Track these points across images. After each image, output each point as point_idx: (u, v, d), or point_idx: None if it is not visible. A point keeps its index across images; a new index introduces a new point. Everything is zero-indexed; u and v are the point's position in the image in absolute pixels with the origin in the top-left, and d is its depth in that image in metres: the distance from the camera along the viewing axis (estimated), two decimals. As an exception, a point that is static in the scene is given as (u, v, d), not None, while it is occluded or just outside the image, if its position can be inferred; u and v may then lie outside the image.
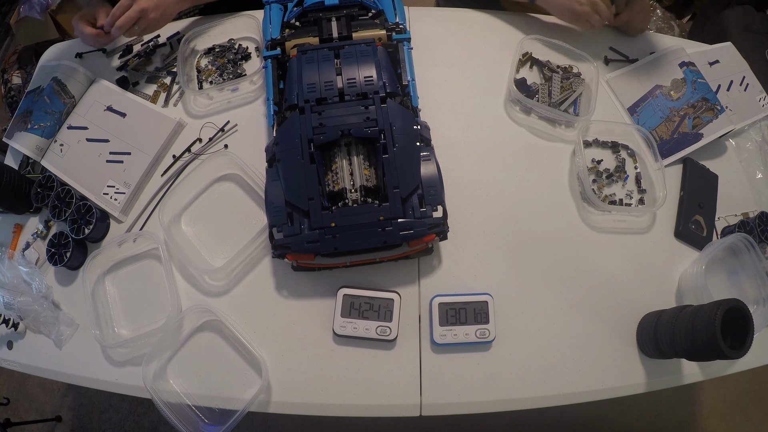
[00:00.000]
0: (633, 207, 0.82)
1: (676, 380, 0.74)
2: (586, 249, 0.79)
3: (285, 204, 0.68)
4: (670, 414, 1.51)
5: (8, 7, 2.17)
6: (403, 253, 0.72)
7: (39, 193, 0.84)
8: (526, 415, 1.45)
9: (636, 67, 0.94)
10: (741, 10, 1.39)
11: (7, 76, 1.83)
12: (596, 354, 0.74)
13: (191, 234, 0.81)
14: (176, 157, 0.86)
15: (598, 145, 0.87)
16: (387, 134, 0.68)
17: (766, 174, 0.89)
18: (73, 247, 0.78)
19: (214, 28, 0.96)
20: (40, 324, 0.76)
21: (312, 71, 0.72)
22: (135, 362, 0.74)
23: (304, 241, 0.67)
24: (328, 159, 0.71)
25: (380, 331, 0.71)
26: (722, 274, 0.80)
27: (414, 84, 0.78)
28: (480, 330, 0.71)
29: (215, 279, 0.78)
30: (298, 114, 0.70)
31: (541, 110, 0.87)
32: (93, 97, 0.91)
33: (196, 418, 0.71)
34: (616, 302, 0.76)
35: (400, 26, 0.82)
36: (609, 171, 0.85)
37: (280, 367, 0.72)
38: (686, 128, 0.88)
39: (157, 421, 1.53)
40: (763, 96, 0.95)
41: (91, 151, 0.87)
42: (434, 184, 0.69)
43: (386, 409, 0.71)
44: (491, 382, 0.72)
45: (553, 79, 0.90)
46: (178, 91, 0.92)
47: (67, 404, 1.58)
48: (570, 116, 0.87)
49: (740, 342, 0.61)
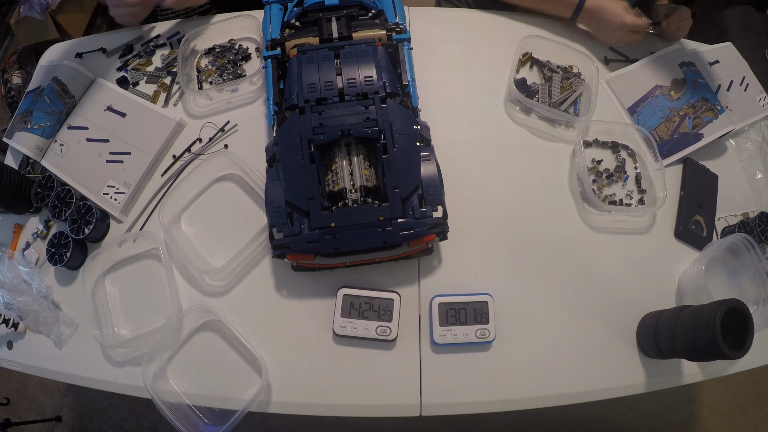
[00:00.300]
0: (633, 207, 0.82)
1: (676, 380, 0.74)
2: (586, 249, 0.79)
3: (285, 204, 0.68)
4: (670, 414, 1.51)
5: (8, 7, 2.17)
6: (403, 253, 0.72)
7: (39, 193, 0.84)
8: (526, 415, 1.45)
9: (636, 67, 0.94)
10: (741, 10, 1.39)
11: (7, 76, 1.83)
12: (596, 354, 0.74)
13: (191, 234, 0.81)
14: (176, 157, 0.86)
15: (598, 145, 0.87)
16: (387, 134, 0.68)
17: (766, 174, 0.89)
18: (73, 247, 0.78)
19: (214, 28, 0.96)
20: (40, 324, 0.76)
21: (312, 71, 0.72)
22: (135, 362, 0.74)
23: (304, 241, 0.67)
24: (328, 159, 0.71)
25: (380, 331, 0.71)
26: (722, 274, 0.80)
27: (414, 84, 0.78)
28: (480, 330, 0.71)
29: (215, 279, 0.78)
30: (298, 114, 0.70)
31: (541, 110, 0.87)
32: (93, 97, 0.91)
33: (196, 418, 0.71)
34: (616, 302, 0.76)
35: (400, 26, 0.81)
36: (609, 171, 0.85)
37: (280, 367, 0.72)
38: (686, 128, 0.88)
39: (157, 421, 1.53)
40: (763, 96, 0.95)
41: (91, 151, 0.87)
42: (434, 184, 0.69)
43: (386, 409, 0.71)
44: (491, 382, 0.72)
45: (553, 79, 0.90)
46: (178, 91, 0.92)
47: (67, 404, 1.58)
48: (570, 116, 0.87)
49: (740, 342, 0.61)
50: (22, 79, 1.82)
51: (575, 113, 0.89)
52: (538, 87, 0.90)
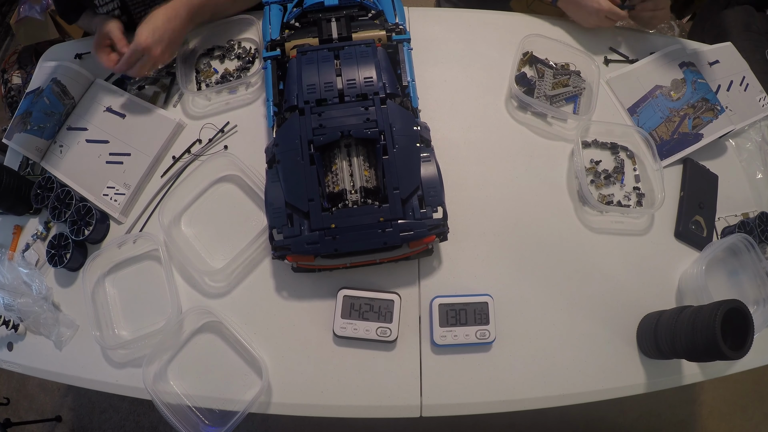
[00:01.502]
0: (631, 209, 0.82)
1: (676, 380, 0.74)
2: (586, 250, 0.79)
3: (285, 205, 0.68)
4: (670, 414, 1.51)
5: (8, 7, 2.17)
6: (403, 254, 0.72)
7: (39, 194, 0.83)
8: (526, 415, 1.45)
9: (636, 68, 0.93)
10: (741, 10, 1.39)
11: (7, 76, 1.83)
12: (596, 354, 0.74)
13: (191, 235, 0.81)
14: (176, 158, 0.86)
15: (597, 146, 0.87)
16: (387, 135, 0.68)
17: (766, 174, 0.89)
18: (73, 248, 0.78)
19: (213, 29, 0.96)
20: (40, 325, 0.76)
21: (312, 72, 0.72)
22: (135, 363, 0.74)
23: (304, 243, 0.67)
24: (328, 160, 0.71)
25: (380, 332, 0.71)
26: (722, 274, 0.80)
27: (414, 85, 0.78)
28: (480, 331, 0.71)
29: (215, 280, 0.78)
30: (298, 115, 0.69)
31: (540, 107, 0.87)
32: (92, 98, 0.91)
33: (197, 419, 0.71)
34: (617, 303, 0.76)
35: (399, 27, 0.81)
36: (608, 171, 0.85)
37: (280, 369, 0.72)
38: (686, 128, 0.88)
39: (157, 421, 1.53)
40: (763, 96, 0.94)
41: (90, 152, 0.87)
42: (434, 185, 0.69)
43: (386, 410, 0.71)
44: (491, 383, 0.72)
45: (545, 74, 0.90)
46: (177, 92, 0.92)
47: (67, 404, 1.58)
48: (570, 115, 0.87)
49: (740, 342, 0.61)
50: (22, 79, 1.82)
51: (575, 113, 0.88)
52: (536, 81, 0.90)
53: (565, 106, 0.90)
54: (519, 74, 0.91)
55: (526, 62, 0.93)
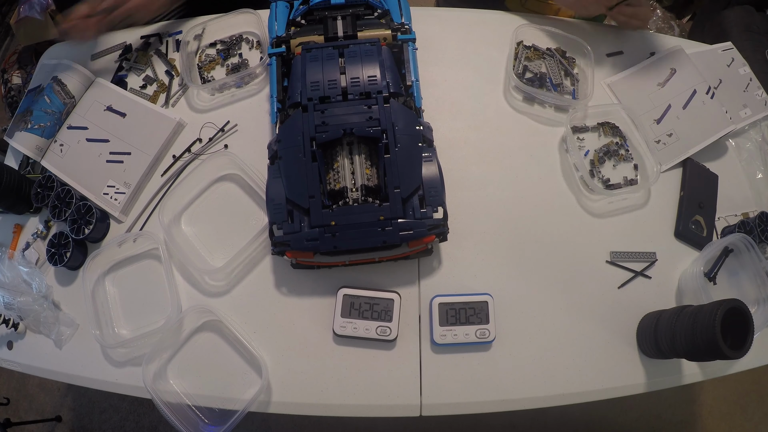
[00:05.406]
0: (631, 187, 0.82)
1: (676, 380, 0.74)
2: (586, 249, 0.79)
3: (286, 201, 0.68)
4: (670, 414, 1.51)
5: (8, 7, 2.17)
6: (403, 253, 0.72)
7: (39, 193, 0.83)
8: (526, 415, 1.45)
9: (636, 69, 0.93)
10: (741, 10, 1.39)
11: (7, 76, 1.83)
12: (596, 354, 0.74)
13: (191, 234, 0.81)
14: (176, 157, 0.86)
15: (587, 130, 0.87)
16: (389, 134, 0.68)
17: (766, 174, 0.89)
18: (73, 247, 0.78)
19: (214, 24, 0.95)
20: (40, 324, 0.76)
21: (316, 69, 0.72)
22: (135, 362, 0.74)
23: (304, 239, 0.67)
24: (330, 157, 0.71)
25: (380, 331, 0.71)
26: (722, 274, 0.80)
27: (418, 84, 0.78)
28: (480, 330, 0.71)
29: (215, 279, 0.78)
30: (301, 112, 0.70)
31: (537, 94, 0.87)
32: (93, 97, 0.91)
33: (197, 418, 0.71)
34: (617, 302, 0.76)
35: (405, 26, 0.81)
36: (606, 149, 0.85)
37: (280, 368, 0.72)
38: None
39: (157, 421, 1.53)
40: (763, 96, 0.94)
41: (91, 151, 0.87)
42: (435, 185, 0.69)
43: (386, 409, 0.71)
44: (491, 382, 0.72)
45: (543, 62, 0.91)
46: (177, 91, 0.92)
47: (67, 404, 1.58)
48: (569, 101, 0.87)
49: (740, 342, 0.61)
50: (22, 79, 1.82)
51: (574, 98, 0.89)
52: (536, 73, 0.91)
53: (564, 94, 0.90)
54: (516, 64, 0.91)
55: (521, 51, 0.93)
